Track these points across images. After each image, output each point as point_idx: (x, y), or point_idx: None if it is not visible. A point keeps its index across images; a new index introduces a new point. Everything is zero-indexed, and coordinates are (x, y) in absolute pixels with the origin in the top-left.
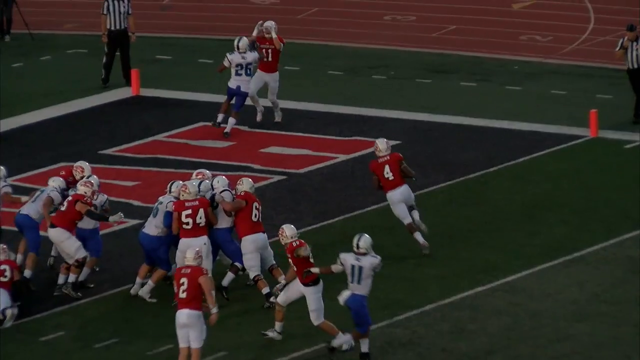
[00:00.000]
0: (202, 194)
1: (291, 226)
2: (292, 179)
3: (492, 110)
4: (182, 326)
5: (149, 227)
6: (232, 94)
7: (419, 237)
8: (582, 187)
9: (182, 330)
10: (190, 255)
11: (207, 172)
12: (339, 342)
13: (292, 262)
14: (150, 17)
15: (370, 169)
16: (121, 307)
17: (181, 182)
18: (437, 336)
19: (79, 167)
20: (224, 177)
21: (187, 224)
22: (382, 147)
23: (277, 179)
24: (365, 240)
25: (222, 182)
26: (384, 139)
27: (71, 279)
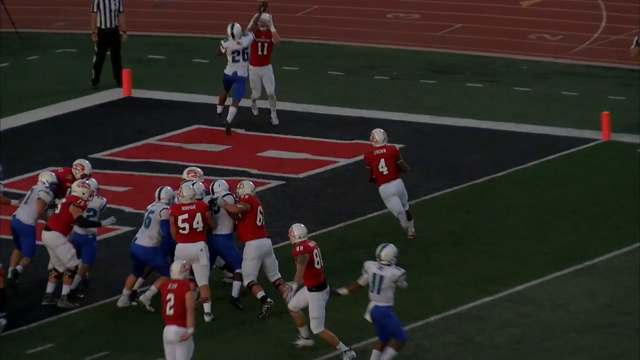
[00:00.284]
0: (199, 197)
1: (301, 226)
2: (291, 185)
3: (500, 112)
4: (169, 343)
5: (142, 238)
6: (229, 81)
7: (404, 221)
8: (593, 192)
9: (169, 347)
10: (176, 268)
11: (199, 169)
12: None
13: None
14: (142, 14)
15: (364, 159)
16: (112, 318)
17: (169, 187)
18: (442, 349)
19: (79, 165)
20: (224, 181)
21: (184, 229)
22: (378, 138)
23: (275, 184)
24: (387, 251)
25: (223, 185)
26: (380, 130)
27: (65, 290)
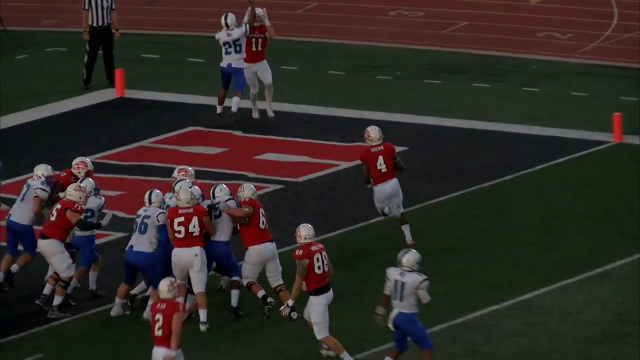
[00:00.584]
0: (196, 201)
1: (308, 226)
2: (290, 189)
3: (507, 113)
4: None
5: (141, 244)
6: (225, 74)
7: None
8: (604, 197)
9: None
10: (164, 287)
11: (190, 168)
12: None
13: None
14: (135, 12)
15: (360, 158)
16: (104, 327)
17: (158, 190)
18: (447, 359)
19: (81, 163)
20: (225, 186)
21: (179, 232)
22: (374, 136)
23: (273, 188)
24: (409, 257)
25: (224, 190)
26: (375, 127)
27: (57, 301)
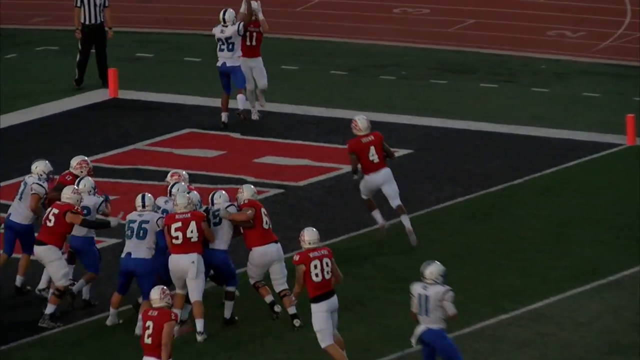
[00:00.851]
0: (193, 207)
1: (312, 231)
2: (290, 193)
3: (516, 115)
4: None
5: (140, 251)
6: (223, 74)
7: (377, 215)
8: (617, 201)
9: None
10: (155, 296)
11: (184, 172)
12: None
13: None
14: (129, 9)
15: (350, 148)
16: (96, 336)
17: (149, 194)
18: None
19: (82, 162)
20: (224, 192)
21: (177, 238)
22: (362, 126)
23: (273, 192)
24: (432, 269)
25: (224, 197)
26: (363, 116)
27: (49, 310)
